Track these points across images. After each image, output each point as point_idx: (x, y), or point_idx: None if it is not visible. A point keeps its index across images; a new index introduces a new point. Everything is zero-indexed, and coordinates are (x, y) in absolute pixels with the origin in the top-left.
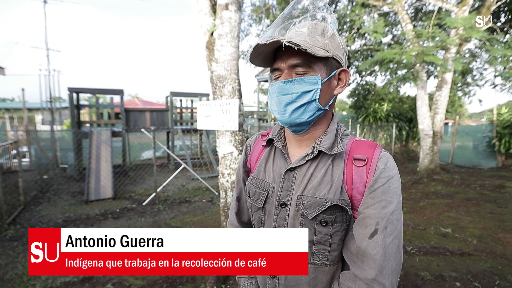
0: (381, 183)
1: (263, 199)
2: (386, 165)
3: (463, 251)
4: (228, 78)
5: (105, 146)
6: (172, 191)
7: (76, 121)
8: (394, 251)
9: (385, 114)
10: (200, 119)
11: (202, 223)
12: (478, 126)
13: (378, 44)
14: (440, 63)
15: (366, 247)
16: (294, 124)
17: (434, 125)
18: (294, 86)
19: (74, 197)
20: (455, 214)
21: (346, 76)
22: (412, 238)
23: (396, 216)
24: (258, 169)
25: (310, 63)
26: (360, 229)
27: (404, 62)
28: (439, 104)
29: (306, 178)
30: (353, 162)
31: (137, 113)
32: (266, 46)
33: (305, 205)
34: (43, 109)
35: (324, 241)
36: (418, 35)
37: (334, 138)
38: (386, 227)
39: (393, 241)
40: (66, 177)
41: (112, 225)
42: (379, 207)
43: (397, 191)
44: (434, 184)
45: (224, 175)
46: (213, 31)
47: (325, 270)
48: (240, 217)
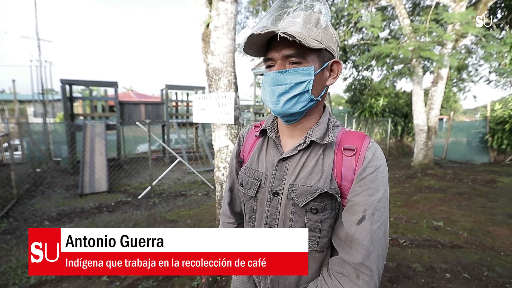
0: (369, 171)
1: (256, 189)
2: (374, 155)
3: (454, 244)
4: (224, 71)
5: (99, 139)
6: (168, 184)
7: (70, 114)
8: (380, 237)
9: (381, 109)
10: (196, 112)
11: (198, 217)
12: (472, 122)
13: (375, 38)
14: (436, 58)
15: (354, 233)
16: (287, 114)
17: (429, 121)
18: (287, 77)
19: (68, 191)
20: (447, 208)
21: (338, 67)
22: (405, 231)
23: (383, 203)
24: (251, 159)
25: (304, 54)
26: (349, 216)
27: (400, 57)
28: (434, 99)
29: (298, 168)
30: (343, 152)
31: (131, 106)
32: (260, 36)
33: (296, 193)
34: (35, 101)
35: (314, 228)
36: (415, 30)
37: (325, 128)
38: (373, 214)
39: (379, 227)
40: (59, 170)
41: (107, 218)
42: (367, 195)
43: (385, 180)
44: (427, 178)
45: (220, 169)
46: (209, 22)
47: (315, 256)
48: (233, 207)
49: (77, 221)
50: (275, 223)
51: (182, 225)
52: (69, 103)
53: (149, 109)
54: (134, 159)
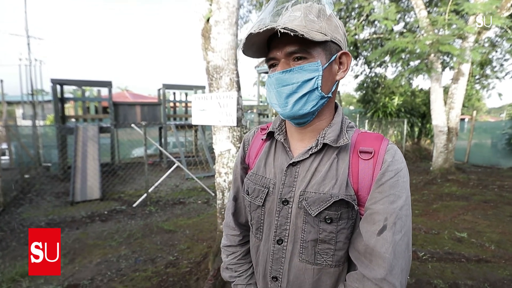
0: (389, 176)
1: (263, 197)
2: (394, 158)
3: (480, 258)
4: (226, 69)
5: (92, 142)
6: (165, 191)
7: (60, 116)
8: (403, 249)
9: (396, 109)
10: (195, 114)
11: (197, 226)
12: (497, 122)
13: (389, 32)
14: (457, 53)
15: (375, 244)
16: (298, 116)
17: (449, 121)
18: (293, 76)
19: (58, 198)
20: (471, 217)
21: (347, 59)
22: (424, 243)
23: (405, 211)
24: (258, 165)
25: (308, 49)
26: (368, 226)
27: (417, 52)
28: (455, 98)
29: (310, 173)
30: (359, 155)
31: (126, 107)
32: (260, 35)
33: (308, 201)
34: (24, 102)
35: (329, 239)
36: (433, 22)
37: (339, 130)
38: (395, 223)
39: (402, 238)
40: (49, 177)
41: (99, 228)
42: (387, 202)
43: (406, 185)
44: (448, 185)
45: (221, 175)
46: (209, 17)
47: (330, 271)
48: (237, 218)
49: (68, 231)
50: (285, 234)
51: (180, 235)
52: (60, 105)
53: (145, 111)
54: (129, 164)
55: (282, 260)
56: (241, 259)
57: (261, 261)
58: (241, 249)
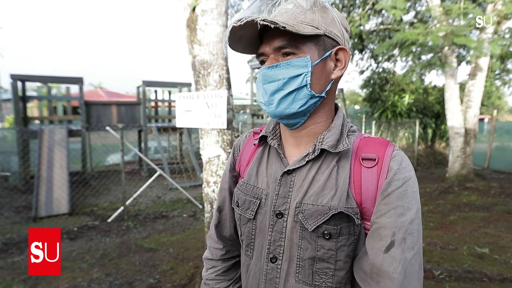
0: (396, 186)
1: (255, 209)
2: (400, 165)
3: (504, 277)
4: (214, 64)
5: (60, 148)
6: (145, 204)
7: (22, 117)
8: (416, 269)
9: (407, 109)
10: (180, 115)
11: (182, 244)
12: None
13: (398, 23)
14: (474, 45)
15: (382, 263)
16: (285, 116)
17: (467, 122)
18: (280, 72)
19: (19, 213)
20: (494, 230)
21: (345, 56)
22: (441, 260)
23: (416, 226)
24: (249, 173)
25: (298, 44)
26: (374, 242)
27: (429, 44)
28: (472, 96)
29: (307, 183)
30: (361, 163)
31: (100, 107)
32: (246, 29)
33: (305, 214)
34: None
35: (328, 257)
36: (446, 11)
37: (339, 134)
38: (405, 238)
39: (415, 256)
40: (8, 188)
41: (67, 248)
42: (395, 215)
43: (415, 196)
44: (466, 193)
45: (210, 184)
46: (195, 5)
47: None
48: (221, 231)
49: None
50: (280, 251)
51: (163, 254)
52: (22, 104)
53: (122, 111)
54: (104, 172)
55: (276, 280)
56: (220, 275)
57: (251, 282)
58: (222, 265)
